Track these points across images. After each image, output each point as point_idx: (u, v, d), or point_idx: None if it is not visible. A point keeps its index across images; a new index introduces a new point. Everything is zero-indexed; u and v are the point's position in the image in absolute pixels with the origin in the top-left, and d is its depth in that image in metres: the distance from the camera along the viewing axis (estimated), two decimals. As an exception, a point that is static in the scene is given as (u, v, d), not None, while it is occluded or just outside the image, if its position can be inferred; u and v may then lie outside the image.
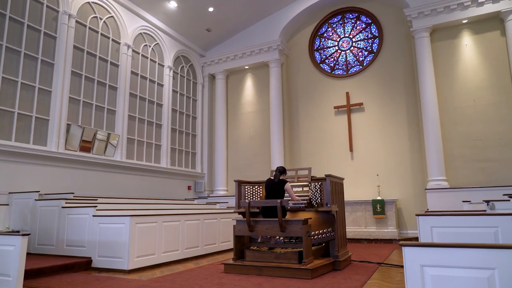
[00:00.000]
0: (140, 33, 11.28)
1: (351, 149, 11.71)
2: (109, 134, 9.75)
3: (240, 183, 6.57)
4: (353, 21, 12.59)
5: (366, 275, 5.28)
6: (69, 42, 8.94)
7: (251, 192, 6.59)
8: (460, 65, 10.34)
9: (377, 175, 10.96)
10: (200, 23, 12.52)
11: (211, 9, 11.95)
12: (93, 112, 9.52)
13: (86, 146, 9.13)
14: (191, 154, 13.16)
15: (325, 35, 12.97)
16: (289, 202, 5.80)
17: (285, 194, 6.00)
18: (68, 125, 8.76)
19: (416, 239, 9.72)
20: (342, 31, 12.71)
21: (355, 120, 11.82)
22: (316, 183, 5.97)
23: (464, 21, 10.33)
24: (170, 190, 11.86)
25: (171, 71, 12.33)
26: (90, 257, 6.24)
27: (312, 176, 6.27)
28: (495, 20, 10.09)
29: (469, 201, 8.35)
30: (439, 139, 10.00)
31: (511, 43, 9.60)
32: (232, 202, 11.98)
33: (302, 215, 6.12)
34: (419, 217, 4.07)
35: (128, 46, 10.65)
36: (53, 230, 6.77)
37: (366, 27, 12.32)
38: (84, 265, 6.12)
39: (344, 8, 12.60)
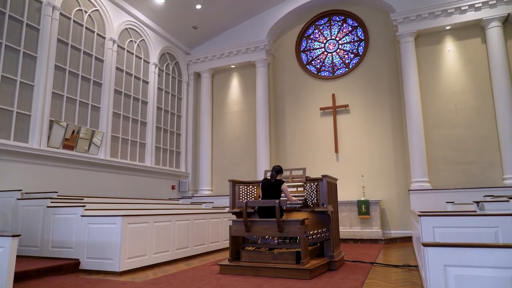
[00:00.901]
0: (126, 28, 10.99)
1: (336, 150, 11.85)
2: (93, 131, 9.43)
3: (234, 183, 6.50)
4: (339, 23, 12.75)
5: (362, 274, 5.34)
6: (52, 34, 8.58)
7: (246, 192, 6.52)
8: (443, 70, 10.65)
9: (362, 176, 11.13)
10: (186, 20, 12.34)
11: (198, 7, 11.80)
12: (77, 108, 9.19)
13: (69, 143, 8.79)
14: (176, 153, 12.94)
15: (311, 36, 13.07)
16: (286, 202, 5.79)
17: (281, 194, 5.97)
18: (51, 121, 8.41)
19: (400, 239, 9.96)
20: (329, 33, 12.85)
21: (340, 122, 11.97)
22: (312, 183, 5.98)
23: (448, 27, 10.66)
24: (154, 189, 11.61)
25: (157, 68, 12.08)
26: (78, 259, 6.00)
27: (306, 177, 6.28)
28: (477, 28, 10.47)
29: (453, 202, 8.61)
30: (422, 142, 10.26)
31: (491, 50, 10.00)
32: (218, 202, 11.89)
33: (296, 215, 6.12)
34: (421, 217, 4.13)
35: (114, 41, 10.34)
36: (37, 231, 6.46)
37: (352, 30, 12.51)
38: (71, 267, 5.87)
39: (331, 11, 12.73)
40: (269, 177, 6.07)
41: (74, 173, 8.89)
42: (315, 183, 5.96)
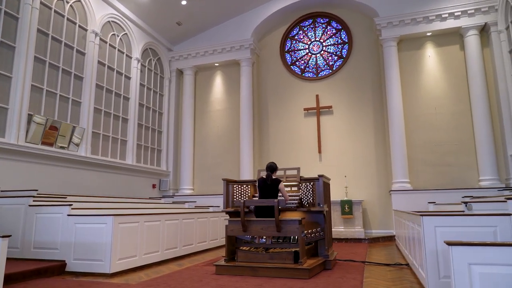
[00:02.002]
0: (108, 21, 10.61)
1: (319, 151, 11.98)
2: (73, 127, 9.03)
3: (228, 182, 6.42)
4: (323, 26, 12.91)
5: (358, 273, 5.40)
6: (32, 24, 8.13)
7: (239, 191, 6.46)
8: (423, 74, 11.01)
9: (345, 176, 11.31)
10: (170, 16, 12.07)
11: (183, 2, 11.58)
12: (57, 102, 8.76)
13: (48, 139, 8.36)
14: (157, 151, 12.64)
15: (296, 37, 13.15)
16: (285, 202, 5.77)
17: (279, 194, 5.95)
18: (30, 116, 7.97)
19: (383, 238, 10.18)
20: (313, 35, 12.98)
21: (324, 123, 12.11)
22: (308, 183, 6.00)
23: (428, 34, 11.03)
24: (135, 188, 11.28)
25: (139, 64, 11.75)
26: (64, 260, 5.72)
27: (300, 176, 6.30)
28: (456, 35, 10.90)
29: (434, 202, 8.93)
30: (403, 144, 10.55)
31: (469, 57, 10.44)
32: (200, 201, 11.76)
33: (290, 215, 6.10)
34: (424, 217, 4.23)
35: (96, 34, 9.95)
36: (17, 231, 6.10)
37: (336, 33, 12.70)
38: (57, 269, 5.59)
39: (316, 13, 12.87)
40: (265, 177, 6.02)
41: (53, 170, 8.48)
42: (311, 183, 5.98)
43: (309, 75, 12.75)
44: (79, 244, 5.70)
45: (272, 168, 6.02)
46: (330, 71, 12.48)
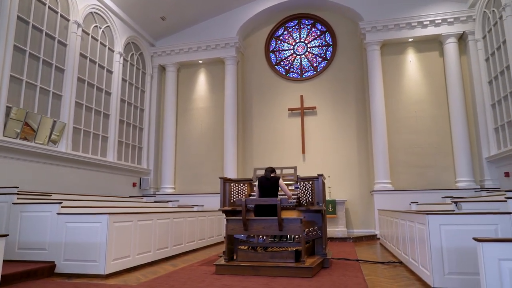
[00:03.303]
0: (91, 12, 10.18)
1: (303, 151, 12.09)
2: (54, 121, 8.59)
3: (225, 181, 6.33)
4: (308, 27, 13.05)
5: (357, 271, 5.48)
6: (12, 10, 7.65)
7: (237, 190, 6.39)
8: (405, 79, 11.39)
9: (329, 176, 11.47)
10: (155, 10, 11.76)
11: (169, -3, 11.33)
12: (37, 95, 8.30)
13: (27, 133, 7.90)
14: (137, 149, 12.26)
15: (281, 38, 13.21)
16: (288, 200, 5.76)
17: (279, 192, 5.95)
18: (8, 108, 7.50)
19: (366, 237, 10.40)
20: (298, 36, 13.09)
21: (308, 123, 12.24)
22: (307, 182, 6.03)
23: (410, 39, 11.42)
24: (115, 186, 10.90)
25: (121, 58, 11.36)
26: (53, 261, 5.42)
27: (297, 176, 6.33)
28: (435, 42, 11.35)
29: (417, 202, 9.25)
30: (385, 145, 10.86)
31: (448, 64, 10.91)
32: (183, 200, 11.55)
33: (288, 214, 6.11)
34: (429, 215, 4.36)
35: (78, 25, 9.52)
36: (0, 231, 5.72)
37: (321, 35, 12.87)
38: (46, 270, 5.28)
39: (301, 14, 12.98)
40: (264, 176, 6.00)
41: (32, 167, 8.03)
42: (310, 182, 6.01)
43: (293, 75, 12.85)
44: (70, 244, 5.42)
45: (270, 170, 6.07)
46: (315, 72, 12.63)
